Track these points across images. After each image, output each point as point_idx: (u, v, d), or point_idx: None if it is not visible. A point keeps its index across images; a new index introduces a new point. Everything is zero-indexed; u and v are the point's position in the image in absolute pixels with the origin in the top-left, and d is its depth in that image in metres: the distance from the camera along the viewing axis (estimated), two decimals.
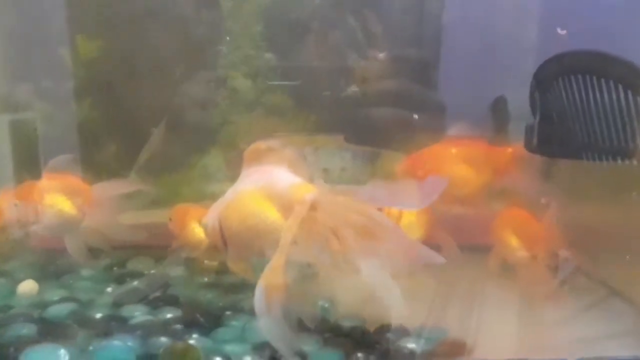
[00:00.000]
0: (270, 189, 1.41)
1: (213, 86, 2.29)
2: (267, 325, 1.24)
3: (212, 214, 1.53)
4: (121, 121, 2.18)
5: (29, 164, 2.09)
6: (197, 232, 1.71)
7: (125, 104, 2.19)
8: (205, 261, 2.10)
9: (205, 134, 2.23)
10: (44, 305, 1.72)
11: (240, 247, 1.48)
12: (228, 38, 2.29)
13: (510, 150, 1.81)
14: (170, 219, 1.78)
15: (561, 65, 2.04)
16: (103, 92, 1.99)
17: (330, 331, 1.56)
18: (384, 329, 1.54)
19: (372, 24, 2.28)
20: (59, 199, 1.60)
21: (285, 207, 1.36)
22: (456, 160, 1.80)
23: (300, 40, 2.35)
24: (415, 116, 2.05)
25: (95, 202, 1.69)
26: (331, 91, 2.29)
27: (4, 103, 2.14)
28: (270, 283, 1.25)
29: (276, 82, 2.30)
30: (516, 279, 1.79)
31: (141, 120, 2.20)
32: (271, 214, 1.39)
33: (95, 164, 2.12)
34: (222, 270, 1.99)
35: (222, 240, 1.50)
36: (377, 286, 1.24)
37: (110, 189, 1.76)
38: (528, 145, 1.76)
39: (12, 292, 1.81)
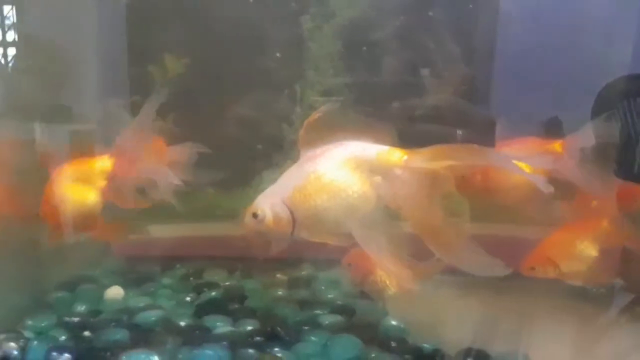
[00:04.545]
0: (357, 159, 1.39)
1: (288, 104, 2.34)
2: None
3: (267, 201, 1.42)
4: (200, 135, 2.25)
5: None
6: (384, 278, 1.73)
7: (206, 119, 2.26)
8: (278, 275, 2.15)
9: (280, 150, 2.28)
10: (130, 311, 1.78)
11: (323, 225, 1.42)
12: (278, 54, 2.35)
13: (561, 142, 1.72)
14: (349, 264, 1.76)
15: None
16: (187, 108, 2.07)
17: (410, 353, 1.58)
18: (464, 353, 1.55)
19: (442, 42, 2.30)
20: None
21: (378, 173, 1.38)
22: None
23: (373, 58, 2.39)
24: (459, 132, 2.05)
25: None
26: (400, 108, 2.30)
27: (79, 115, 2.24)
28: None
29: (347, 98, 2.34)
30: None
31: (220, 134, 2.28)
32: (363, 185, 1.39)
33: None
34: (294, 284, 2.05)
35: (291, 226, 1.42)
36: None
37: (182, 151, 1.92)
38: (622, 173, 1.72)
39: (100, 297, 1.89)
